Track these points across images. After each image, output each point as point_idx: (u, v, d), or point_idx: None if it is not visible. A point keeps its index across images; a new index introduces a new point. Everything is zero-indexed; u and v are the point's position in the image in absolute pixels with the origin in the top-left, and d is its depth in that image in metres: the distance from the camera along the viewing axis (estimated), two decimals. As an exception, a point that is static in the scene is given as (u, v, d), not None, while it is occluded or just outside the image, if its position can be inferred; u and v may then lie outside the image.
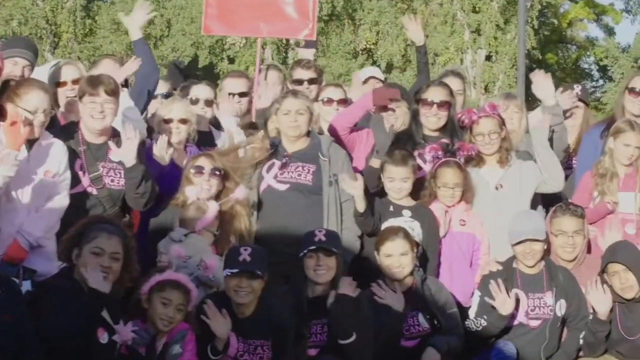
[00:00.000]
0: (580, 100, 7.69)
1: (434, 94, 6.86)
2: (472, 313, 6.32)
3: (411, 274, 6.12)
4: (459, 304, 6.37)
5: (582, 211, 6.52)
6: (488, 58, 31.16)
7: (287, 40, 30.74)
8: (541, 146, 6.78)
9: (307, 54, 8.66)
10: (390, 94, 6.91)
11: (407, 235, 6.12)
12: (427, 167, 6.73)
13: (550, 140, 6.98)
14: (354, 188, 6.33)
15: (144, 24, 7.33)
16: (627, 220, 6.83)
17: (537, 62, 31.62)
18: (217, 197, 6.20)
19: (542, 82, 7.25)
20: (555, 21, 36.24)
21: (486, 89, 30.67)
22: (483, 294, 6.26)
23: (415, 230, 6.35)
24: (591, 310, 6.24)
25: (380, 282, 6.05)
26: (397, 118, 7.05)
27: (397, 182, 6.47)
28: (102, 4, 33.51)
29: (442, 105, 6.84)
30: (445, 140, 6.80)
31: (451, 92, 6.97)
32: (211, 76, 31.83)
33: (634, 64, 35.41)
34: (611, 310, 6.14)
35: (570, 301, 6.31)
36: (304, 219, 6.39)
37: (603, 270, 6.20)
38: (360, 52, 31.48)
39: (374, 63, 31.27)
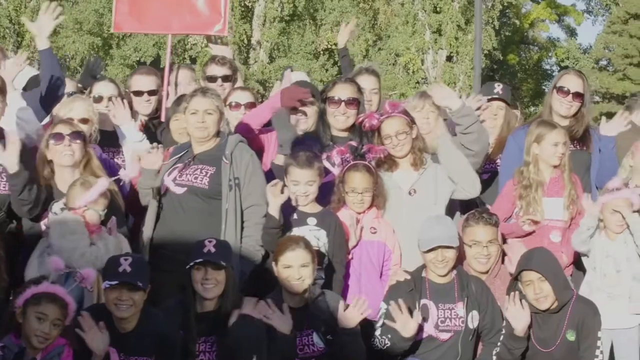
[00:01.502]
0: (501, 99, 7.18)
1: (342, 92, 6.38)
2: (377, 328, 5.79)
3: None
4: (366, 319, 5.83)
5: (496, 219, 6.07)
6: (449, 59, 30.81)
7: (249, 40, 30.39)
8: (446, 154, 6.28)
9: (223, 50, 8.10)
10: (299, 93, 6.43)
11: (307, 245, 5.61)
12: (335, 171, 6.22)
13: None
14: (276, 195, 5.79)
15: (51, 31, 6.58)
16: (553, 228, 6.40)
17: (498, 63, 31.27)
18: None
19: (441, 92, 6.68)
20: (517, 22, 35.89)
21: (447, 89, 30.22)
22: (389, 307, 5.74)
23: (321, 239, 5.91)
24: (504, 324, 5.76)
25: (269, 301, 5.50)
26: (309, 118, 6.55)
27: (302, 185, 5.94)
28: (65, 3, 32.74)
29: (350, 103, 6.36)
30: (353, 143, 6.28)
31: (359, 90, 6.48)
32: (173, 76, 31.37)
33: (594, 65, 35.21)
34: (529, 326, 5.69)
35: (483, 313, 5.84)
36: (200, 225, 5.90)
37: (516, 278, 5.70)
38: (322, 52, 30.98)
39: (335, 63, 30.82)
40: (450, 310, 5.80)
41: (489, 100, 7.14)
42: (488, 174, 7.04)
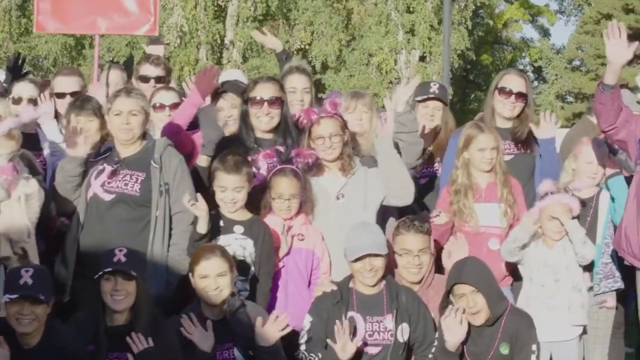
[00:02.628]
0: (437, 99, 6.82)
1: (264, 91, 5.98)
2: (302, 342, 5.42)
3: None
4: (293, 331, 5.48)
5: (428, 227, 5.70)
6: (422, 59, 30.43)
7: (222, 40, 29.99)
8: (383, 157, 5.91)
9: (157, 50, 7.71)
10: (211, 75, 6.01)
11: (224, 253, 5.25)
12: (262, 175, 5.84)
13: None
14: (197, 209, 5.42)
15: None
16: (491, 235, 6.04)
17: (471, 63, 30.99)
18: None
19: (405, 90, 6.27)
20: (491, 22, 35.58)
21: (420, 89, 29.88)
22: (314, 320, 5.38)
23: (248, 249, 5.55)
24: (437, 335, 5.39)
25: (192, 315, 5.13)
26: (235, 120, 6.18)
27: (230, 192, 5.56)
28: (38, 3, 32.33)
29: (273, 102, 5.96)
30: (280, 148, 5.91)
31: (282, 88, 6.11)
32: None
33: (567, 65, 35.01)
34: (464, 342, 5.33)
35: (414, 325, 5.46)
36: (128, 233, 5.52)
37: (449, 293, 5.34)
38: (295, 52, 30.54)
39: (308, 63, 30.46)
40: (379, 323, 5.43)
41: (425, 100, 6.76)
42: (426, 178, 6.69)
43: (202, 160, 5.85)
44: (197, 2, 29.05)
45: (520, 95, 6.35)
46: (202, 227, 5.39)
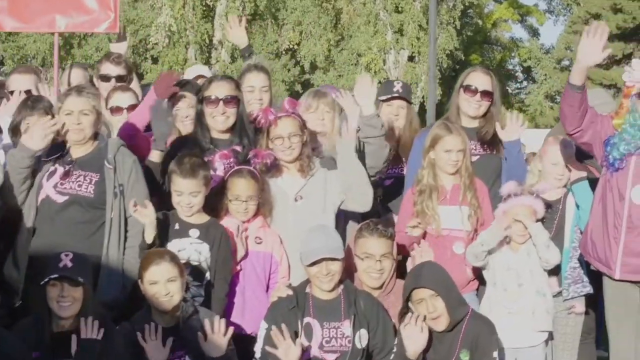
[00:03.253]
0: (401, 98, 6.62)
1: (219, 90, 5.77)
2: (257, 349, 5.22)
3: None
4: (249, 336, 5.37)
5: (392, 232, 5.51)
6: (411, 59, 30.24)
7: (211, 39, 29.80)
8: (344, 161, 5.69)
9: (120, 47, 7.50)
10: (172, 79, 5.84)
11: (173, 258, 5.06)
12: (218, 176, 5.65)
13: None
14: (143, 216, 5.22)
15: None
16: (456, 238, 5.84)
17: (461, 63, 30.81)
18: None
19: (365, 87, 6.05)
20: (480, 22, 35.40)
21: (409, 89, 29.71)
22: (269, 327, 5.17)
23: (203, 254, 5.36)
24: (396, 342, 5.20)
25: (152, 325, 4.95)
26: (192, 120, 5.99)
27: (185, 196, 5.36)
28: (26, 3, 32.09)
29: (229, 101, 5.75)
30: (237, 148, 5.72)
31: (238, 87, 5.91)
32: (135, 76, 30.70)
33: (556, 65, 34.86)
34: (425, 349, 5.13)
35: (373, 331, 5.26)
36: (81, 236, 5.35)
37: (407, 299, 5.15)
38: (284, 52, 30.41)
39: (297, 63, 30.31)
40: (336, 329, 5.23)
41: (389, 99, 6.57)
42: (392, 179, 6.49)
43: (154, 156, 5.66)
44: (186, 1, 28.86)
45: (486, 94, 6.16)
46: (149, 236, 5.20)
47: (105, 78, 6.82)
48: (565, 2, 38.63)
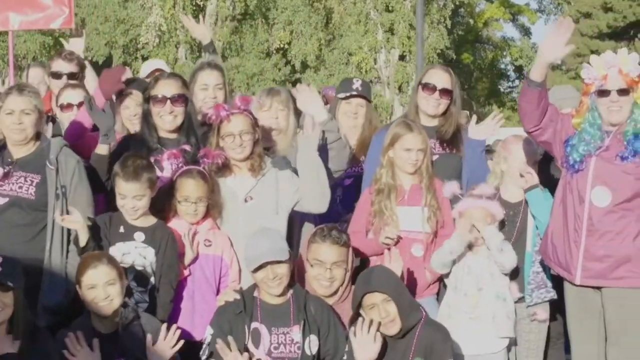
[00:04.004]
0: (360, 96, 6.39)
1: (165, 88, 5.55)
2: (202, 356, 5.01)
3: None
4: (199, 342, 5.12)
5: (346, 239, 5.26)
6: (402, 58, 30.02)
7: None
8: (305, 162, 5.48)
9: (76, 44, 7.26)
10: (118, 73, 5.64)
11: (111, 261, 4.85)
12: (166, 176, 5.42)
13: None
14: (71, 223, 5.02)
15: None
16: (414, 240, 5.60)
17: (452, 62, 30.58)
18: None
19: (307, 97, 5.88)
20: (471, 21, 35.16)
21: (400, 89, 29.52)
22: (215, 332, 4.97)
23: (148, 258, 5.15)
24: (347, 349, 4.99)
25: (79, 334, 4.71)
26: (136, 115, 5.81)
27: (129, 200, 5.14)
28: (16, 3, 31.84)
29: (176, 100, 5.54)
30: (186, 147, 5.49)
31: (185, 84, 5.70)
32: (125, 76, 30.49)
33: (547, 63, 34.51)
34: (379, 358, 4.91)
35: (324, 337, 5.05)
36: (22, 239, 5.12)
37: (359, 305, 4.92)
38: (274, 51, 30.18)
39: (287, 63, 30.09)
40: (285, 335, 5.01)
41: (347, 97, 6.34)
42: (351, 178, 6.26)
43: (101, 149, 5.44)
44: (176, 1, 28.69)
45: (445, 92, 5.94)
46: (81, 240, 5.00)
47: (57, 75, 6.63)
48: (556, 1, 38.42)
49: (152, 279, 5.17)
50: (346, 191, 6.19)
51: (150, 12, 28.51)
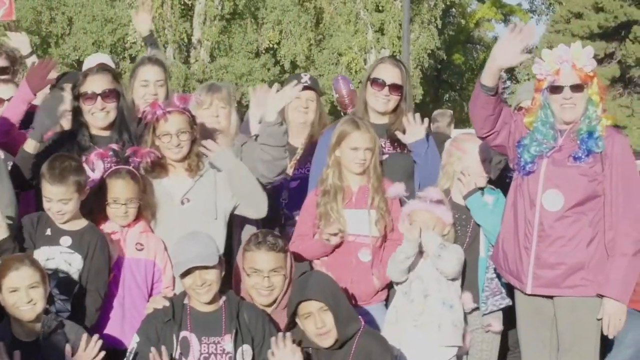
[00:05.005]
0: (310, 88, 6.03)
1: (95, 84, 5.27)
2: (127, 363, 4.70)
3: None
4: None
5: (282, 244, 4.94)
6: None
7: (189, 39, 29.28)
8: (228, 172, 5.22)
9: (20, 40, 6.93)
10: (47, 69, 5.34)
11: (34, 263, 4.52)
12: (96, 176, 5.11)
13: None
14: None
15: None
16: (362, 245, 5.30)
17: (443, 63, 30.30)
18: None
19: (261, 99, 5.62)
20: (463, 21, 34.82)
21: (390, 88, 29.15)
22: (142, 341, 4.65)
23: (74, 265, 4.85)
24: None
25: (0, 345, 4.40)
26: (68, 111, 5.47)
27: (55, 203, 4.82)
28: (4, 1, 31.51)
29: (107, 96, 5.26)
30: (114, 146, 5.20)
31: (116, 78, 5.40)
32: (113, 75, 30.17)
33: (538, 64, 34.19)
34: None
35: (258, 347, 4.72)
36: None
37: (294, 313, 4.61)
38: (263, 51, 29.86)
39: (277, 63, 29.78)
40: (216, 344, 4.69)
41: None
42: (298, 180, 5.94)
43: (29, 146, 5.12)
44: (164, 0, 28.36)
45: (395, 88, 5.64)
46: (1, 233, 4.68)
47: None
48: (548, 2, 38.08)
49: (77, 288, 4.85)
50: (293, 193, 5.88)
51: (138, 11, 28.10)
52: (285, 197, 5.88)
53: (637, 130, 30.86)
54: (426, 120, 5.61)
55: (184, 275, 4.68)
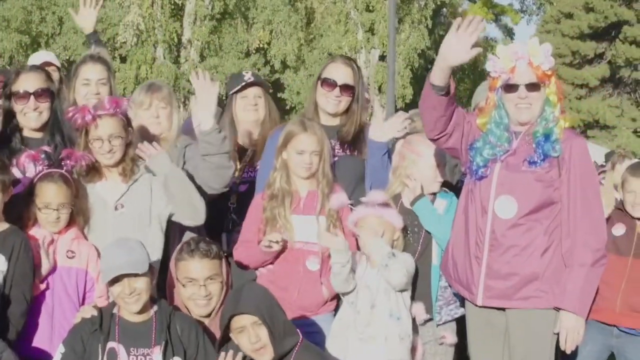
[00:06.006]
0: (256, 84, 5.68)
1: (28, 83, 4.99)
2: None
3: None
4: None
5: (216, 250, 4.64)
6: (382, 58, 29.29)
7: (179, 38, 28.97)
8: (164, 179, 4.89)
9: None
10: None
11: None
12: (26, 179, 4.81)
13: None
14: None
15: None
16: (310, 253, 4.98)
17: (433, 62, 29.86)
18: None
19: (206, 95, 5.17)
20: (454, 21, 34.40)
21: (380, 89, 28.81)
22: (67, 352, 4.36)
23: None
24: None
25: None
26: None
27: None
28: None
29: (40, 95, 4.99)
30: (46, 148, 4.89)
31: (49, 77, 5.12)
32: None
33: (529, 64, 33.87)
34: None
35: (191, 359, 4.41)
36: None
37: (227, 326, 4.27)
38: (254, 51, 29.52)
39: (267, 62, 29.46)
40: (145, 356, 4.38)
41: (241, 89, 5.64)
42: (247, 184, 5.59)
43: None
44: (154, 0, 28.00)
45: (347, 88, 5.30)
46: None
47: None
48: (539, 2, 37.72)
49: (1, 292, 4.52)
50: (241, 198, 5.53)
51: (128, 11, 27.88)
52: (234, 202, 5.55)
53: (627, 130, 30.54)
54: (407, 122, 5.28)
55: (112, 283, 4.38)
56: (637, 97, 32.27)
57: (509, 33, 38.86)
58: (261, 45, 29.38)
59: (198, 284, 4.59)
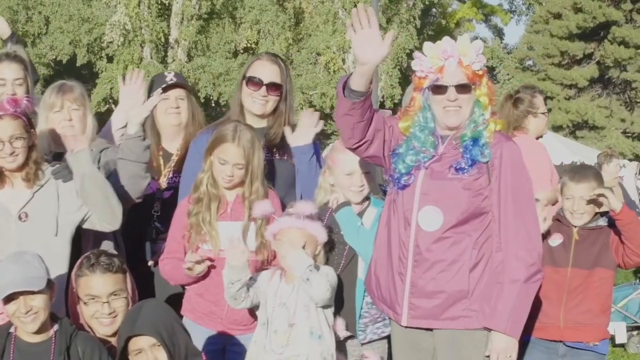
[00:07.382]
0: (178, 86, 5.34)
1: None
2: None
3: None
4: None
5: (119, 263, 4.27)
6: (370, 58, 28.93)
7: (166, 38, 28.61)
8: (79, 177, 4.51)
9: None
10: None
11: None
12: None
13: None
14: None
15: None
16: None
17: (422, 62, 29.53)
18: None
19: (133, 97, 4.92)
20: (443, 21, 34.03)
21: (368, 89, 28.44)
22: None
23: None
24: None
25: None
26: None
27: None
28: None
29: None
30: None
31: None
32: (90, 75, 29.52)
33: (517, 65, 33.64)
34: None
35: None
36: None
37: (124, 347, 3.90)
38: (241, 51, 29.15)
39: (256, 62, 29.09)
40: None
41: (163, 91, 5.26)
42: (171, 190, 5.21)
43: None
44: (141, 0, 27.64)
45: (274, 87, 4.92)
46: None
47: None
48: (528, 2, 37.28)
49: None
50: (166, 205, 5.15)
51: (115, 11, 27.54)
52: (157, 209, 5.18)
53: (616, 131, 30.15)
54: (321, 122, 4.91)
55: (8, 301, 3.99)
56: (626, 98, 31.91)
57: (499, 33, 38.50)
58: (249, 45, 29.03)
59: (101, 301, 4.21)
